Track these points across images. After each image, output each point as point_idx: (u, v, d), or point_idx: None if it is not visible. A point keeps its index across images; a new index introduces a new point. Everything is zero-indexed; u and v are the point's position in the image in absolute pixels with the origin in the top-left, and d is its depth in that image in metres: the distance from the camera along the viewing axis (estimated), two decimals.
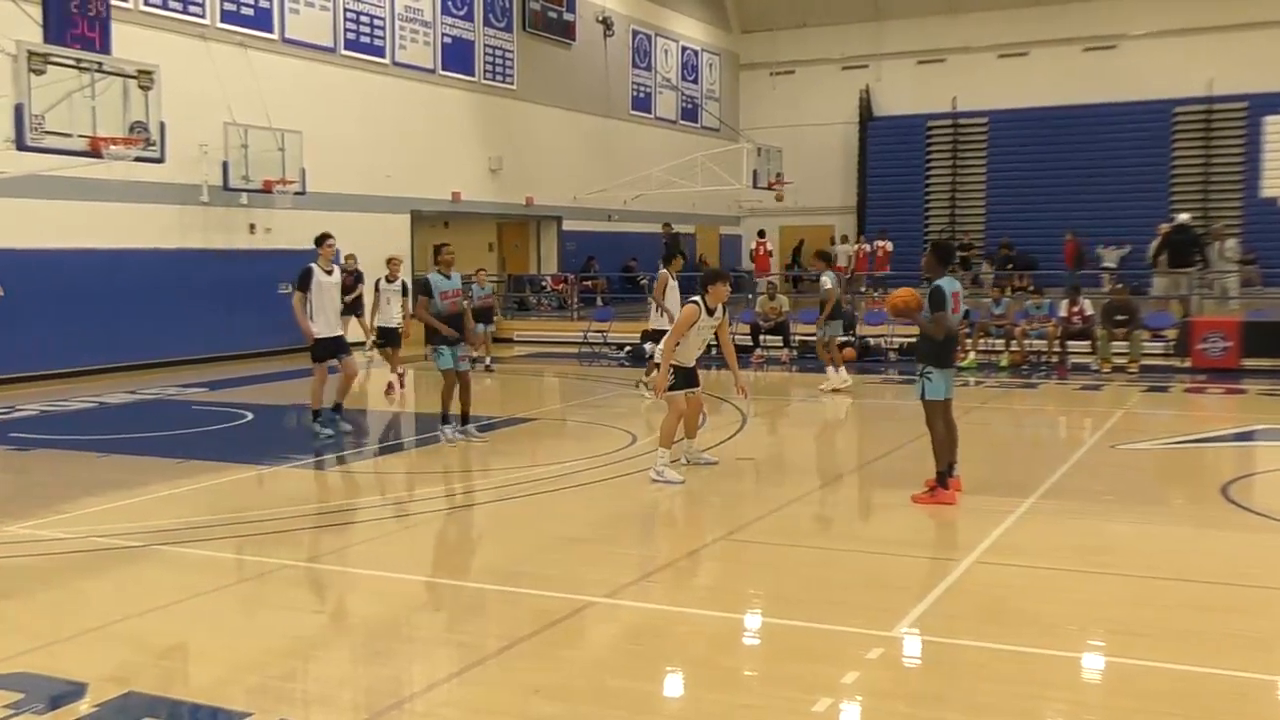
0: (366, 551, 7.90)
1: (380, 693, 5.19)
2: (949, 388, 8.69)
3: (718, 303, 9.61)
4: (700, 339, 9.69)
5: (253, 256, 20.61)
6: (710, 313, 9.57)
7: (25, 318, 16.86)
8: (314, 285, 11.79)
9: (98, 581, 7.09)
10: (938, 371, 8.59)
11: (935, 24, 35.57)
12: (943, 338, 8.54)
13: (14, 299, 16.75)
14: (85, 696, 5.03)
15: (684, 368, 9.60)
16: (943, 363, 8.63)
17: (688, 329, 9.49)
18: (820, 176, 35.72)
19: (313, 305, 11.80)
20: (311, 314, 11.81)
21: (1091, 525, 8.22)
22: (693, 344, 9.62)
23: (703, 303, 9.55)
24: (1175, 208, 29.12)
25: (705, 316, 9.53)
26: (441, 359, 11.43)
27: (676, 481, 9.32)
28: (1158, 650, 5.53)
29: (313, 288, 11.78)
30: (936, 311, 8.49)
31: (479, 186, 26.77)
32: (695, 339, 9.62)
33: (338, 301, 12.27)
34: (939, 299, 8.47)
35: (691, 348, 9.64)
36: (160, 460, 10.82)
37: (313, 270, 11.85)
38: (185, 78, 18.15)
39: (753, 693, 5.11)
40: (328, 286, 11.93)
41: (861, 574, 7.00)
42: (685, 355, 9.60)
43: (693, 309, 9.53)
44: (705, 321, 9.56)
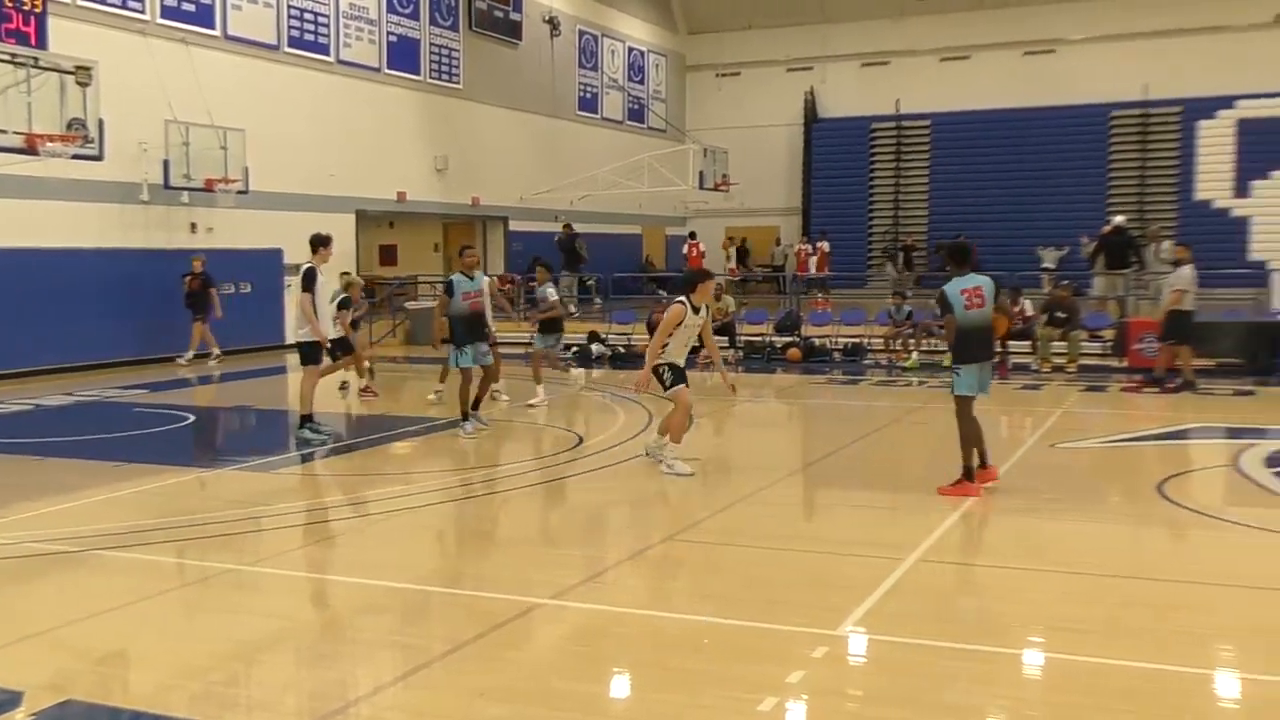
0: (310, 555, 7.84)
1: (325, 697, 5.15)
2: (979, 384, 8.86)
3: (703, 301, 9.84)
4: (686, 337, 9.87)
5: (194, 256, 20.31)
6: (695, 311, 9.78)
7: None
8: (318, 285, 11.57)
9: (35, 587, 6.96)
10: (965, 367, 8.80)
11: (879, 27, 35.92)
12: (955, 338, 8.78)
13: None
14: (21, 705, 4.94)
15: (676, 365, 9.85)
16: (967, 358, 8.80)
17: (674, 327, 9.67)
18: (765, 178, 35.96)
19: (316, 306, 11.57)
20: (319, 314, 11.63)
21: (1032, 523, 8.35)
22: (679, 342, 9.82)
23: (689, 302, 9.75)
24: (1112, 209, 29.63)
25: (691, 315, 9.73)
26: (462, 358, 11.74)
27: (686, 474, 9.55)
28: (1100, 647, 5.62)
29: (317, 289, 11.54)
30: (945, 315, 8.84)
31: (425, 186, 26.62)
32: (681, 337, 9.81)
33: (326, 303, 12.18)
34: (944, 303, 8.81)
35: (679, 346, 9.85)
36: (99, 463, 10.63)
37: (316, 271, 11.61)
38: (125, 74, 17.88)
39: (699, 692, 5.14)
40: (326, 289, 11.87)
41: (806, 573, 7.05)
42: (674, 353, 9.84)
43: (679, 309, 9.71)
44: (691, 320, 9.75)
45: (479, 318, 12.00)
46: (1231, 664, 5.57)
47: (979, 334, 8.87)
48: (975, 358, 8.86)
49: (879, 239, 35.84)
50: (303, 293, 11.53)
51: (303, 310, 11.56)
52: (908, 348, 19.21)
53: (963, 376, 8.81)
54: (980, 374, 8.87)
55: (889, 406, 15.02)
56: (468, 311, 11.86)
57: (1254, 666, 5.47)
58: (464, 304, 11.82)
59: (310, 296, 11.48)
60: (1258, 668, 5.44)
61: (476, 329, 11.92)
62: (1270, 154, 31.04)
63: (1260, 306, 20.48)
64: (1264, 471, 10.03)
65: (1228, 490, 9.86)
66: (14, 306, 17.29)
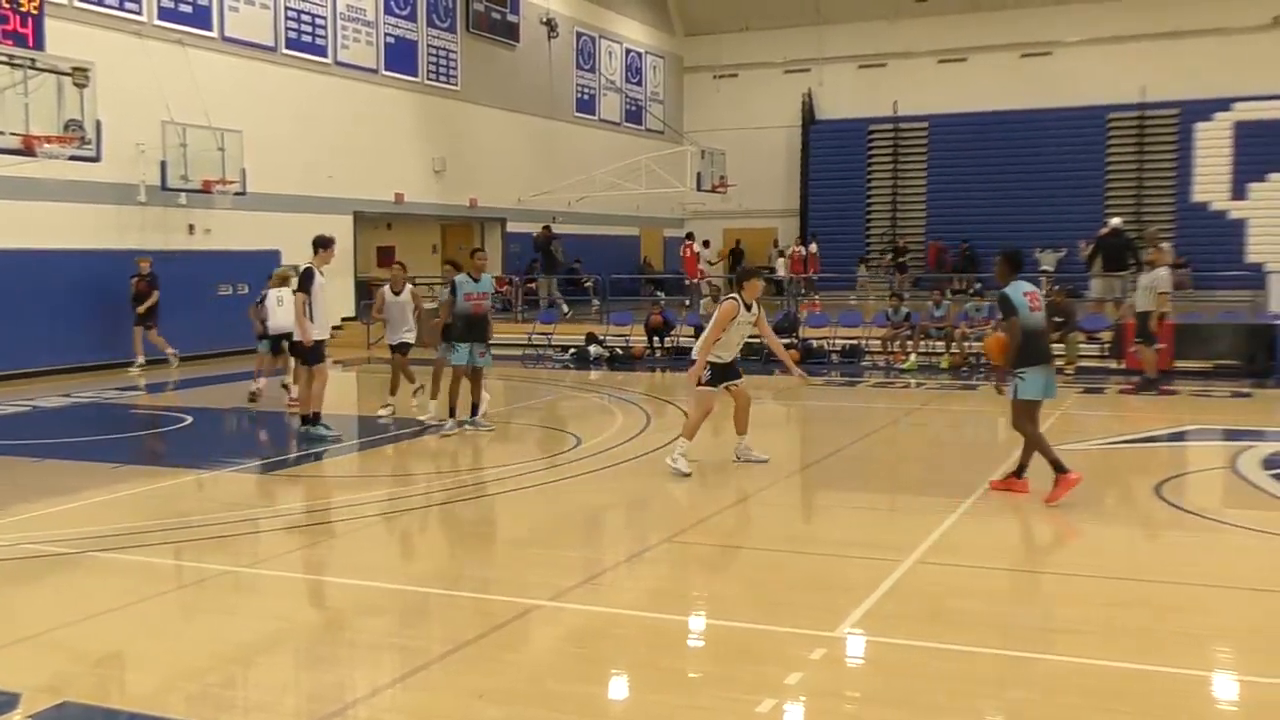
0: (307, 556, 7.83)
1: (323, 698, 5.14)
2: (1045, 387, 8.66)
3: (753, 298, 9.99)
4: (739, 334, 10.02)
5: (192, 257, 20.31)
6: (748, 308, 9.91)
7: None
8: (315, 288, 11.52)
9: (32, 589, 6.95)
10: (1030, 370, 8.60)
11: (876, 29, 35.95)
12: (1020, 341, 8.53)
13: None
14: (18, 707, 4.93)
15: (721, 364, 9.94)
16: (1033, 360, 8.60)
17: (728, 323, 9.80)
18: (763, 179, 35.97)
19: (313, 308, 11.53)
20: (312, 316, 11.54)
21: (1030, 525, 8.36)
22: (732, 339, 9.99)
23: (740, 299, 9.93)
24: (1110, 212, 29.67)
25: (744, 312, 9.88)
26: (456, 355, 11.95)
27: (683, 473, 9.59)
28: (1096, 648, 5.62)
29: (314, 290, 11.51)
30: (1009, 318, 8.59)
31: (422, 188, 26.61)
32: (735, 334, 9.96)
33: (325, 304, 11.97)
34: (1008, 306, 8.59)
35: (731, 343, 10.00)
36: (97, 465, 10.63)
37: (314, 272, 11.59)
38: (122, 75, 17.88)
39: (697, 694, 5.14)
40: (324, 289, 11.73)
41: (804, 575, 7.05)
42: (724, 350, 9.96)
43: (731, 304, 9.88)
44: (744, 316, 9.90)
45: (480, 319, 12.16)
46: (1229, 666, 5.57)
47: (1041, 336, 8.80)
48: (1040, 360, 8.70)
49: (876, 241, 35.86)
50: (297, 293, 11.55)
51: (296, 311, 11.56)
52: (906, 349, 19.22)
53: (1028, 380, 8.59)
54: (1046, 376, 8.68)
55: (887, 408, 15.03)
56: (469, 311, 12.04)
57: (1251, 668, 5.47)
58: (466, 304, 12.02)
59: (306, 297, 11.45)
60: (1255, 669, 5.44)
61: (476, 329, 12.08)
62: (1267, 156, 31.10)
63: (1257, 308, 20.51)
64: (1261, 473, 10.03)
65: (1225, 492, 9.86)
66: (11, 308, 17.27)
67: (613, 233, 33.26)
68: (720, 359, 9.97)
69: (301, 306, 11.51)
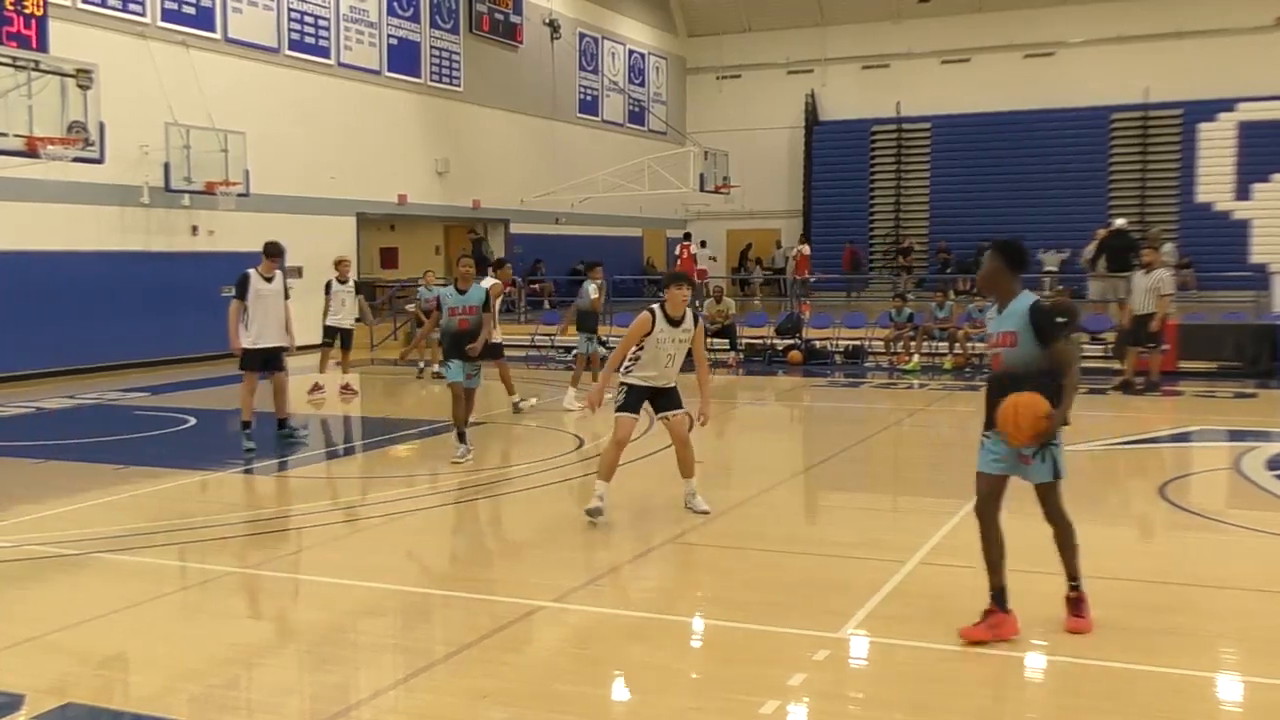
0: (312, 558, 7.83)
1: (326, 700, 5.14)
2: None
3: (678, 310, 8.20)
4: (663, 353, 8.22)
5: (195, 259, 20.33)
6: (674, 323, 8.19)
7: None
8: (251, 293, 11.22)
9: (34, 591, 6.96)
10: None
11: (879, 30, 35.94)
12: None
13: None
14: (22, 708, 4.93)
15: (645, 387, 8.30)
16: None
17: (639, 340, 8.19)
18: (766, 180, 35.98)
19: (249, 314, 11.23)
20: (247, 323, 11.23)
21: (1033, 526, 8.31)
22: (656, 359, 8.21)
23: (661, 310, 8.20)
24: (1114, 212, 29.64)
25: (666, 326, 8.17)
26: (450, 372, 10.81)
27: (596, 516, 8.16)
28: (1100, 649, 5.61)
29: (250, 295, 11.22)
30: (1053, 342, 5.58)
31: (425, 189, 26.62)
32: (655, 353, 8.18)
33: (280, 311, 11.49)
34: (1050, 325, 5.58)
35: (656, 363, 8.22)
36: (100, 466, 10.63)
37: (249, 276, 11.29)
38: (125, 77, 17.89)
39: (700, 695, 5.13)
40: (266, 295, 11.32)
41: (808, 576, 7.04)
42: (647, 370, 8.25)
43: (644, 318, 8.17)
44: (665, 333, 8.17)
45: (465, 335, 10.75)
46: (1233, 667, 5.56)
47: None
48: None
49: (880, 242, 35.85)
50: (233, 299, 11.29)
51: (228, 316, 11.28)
52: (909, 350, 19.21)
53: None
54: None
55: (890, 409, 15.02)
56: (455, 328, 10.79)
57: (1254, 669, 5.46)
58: (451, 320, 10.82)
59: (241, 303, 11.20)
60: (1258, 671, 5.43)
61: (460, 347, 10.73)
62: (1271, 157, 31.02)
63: (1261, 309, 20.47)
64: (1265, 474, 10.02)
65: (1229, 493, 9.85)
66: (15, 309, 17.29)
67: (615, 234, 33.26)
68: (646, 381, 8.27)
69: (234, 312, 11.19)
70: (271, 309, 11.37)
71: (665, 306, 8.23)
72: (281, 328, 11.50)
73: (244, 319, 11.25)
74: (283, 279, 11.65)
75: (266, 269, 11.41)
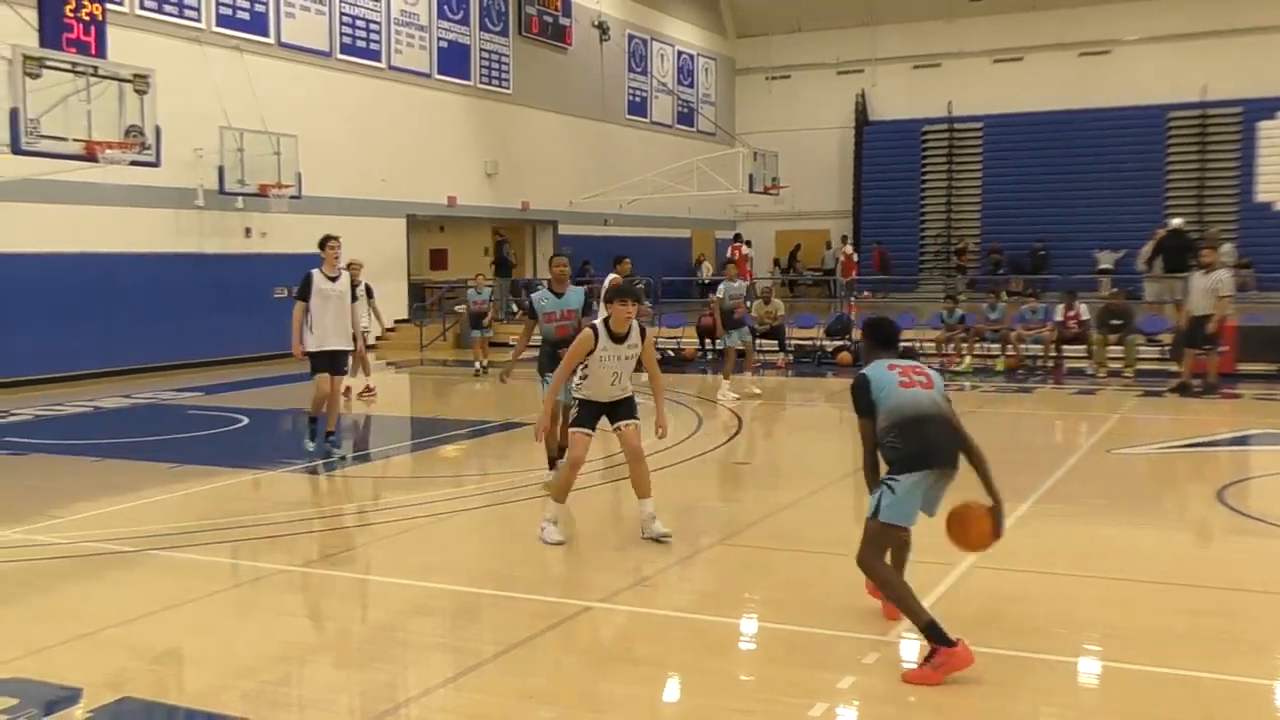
0: (361, 556, 7.89)
1: (375, 698, 5.17)
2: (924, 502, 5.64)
3: (622, 327, 7.66)
4: (607, 371, 7.73)
5: (248, 260, 20.60)
6: (618, 339, 7.66)
7: (21, 322, 16.83)
8: (314, 293, 10.78)
9: (92, 587, 7.06)
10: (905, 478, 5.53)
11: (930, 29, 35.64)
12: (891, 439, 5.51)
13: (8, 303, 16.73)
14: (80, 702, 5.01)
15: (595, 402, 7.86)
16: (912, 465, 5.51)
17: (582, 358, 7.68)
18: (816, 181, 35.79)
19: (312, 316, 10.78)
20: (311, 325, 10.79)
21: (1088, 530, 8.22)
22: (601, 378, 7.76)
23: (604, 327, 7.68)
24: (1170, 212, 29.17)
25: (607, 344, 7.61)
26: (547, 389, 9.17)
27: (555, 541, 7.69)
28: (1154, 655, 5.52)
29: (313, 296, 10.78)
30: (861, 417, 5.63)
31: (475, 191, 26.77)
32: (601, 371, 7.73)
33: (345, 312, 11.02)
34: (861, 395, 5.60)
35: (601, 382, 7.78)
36: (155, 465, 10.79)
37: (312, 277, 10.86)
38: (181, 82, 18.15)
39: (748, 697, 5.10)
40: (331, 295, 10.86)
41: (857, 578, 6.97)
42: (593, 389, 7.83)
43: (586, 336, 7.66)
44: (609, 350, 7.63)
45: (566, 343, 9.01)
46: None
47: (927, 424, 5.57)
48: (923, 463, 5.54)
49: (931, 242, 35.56)
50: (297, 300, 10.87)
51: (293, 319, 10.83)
52: (960, 352, 19.02)
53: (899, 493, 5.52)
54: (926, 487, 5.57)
55: None
56: (553, 336, 9.60)
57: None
58: (549, 326, 9.62)
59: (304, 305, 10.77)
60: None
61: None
62: None
63: None
64: None
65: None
66: (73, 310, 17.61)
67: (664, 235, 33.25)
68: (593, 399, 7.84)
69: (299, 315, 10.74)
70: (335, 310, 10.89)
71: (609, 323, 7.68)
72: (347, 330, 11.06)
73: (308, 321, 10.79)
74: (348, 279, 11.23)
75: (329, 267, 10.97)
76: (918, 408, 5.47)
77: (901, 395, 5.49)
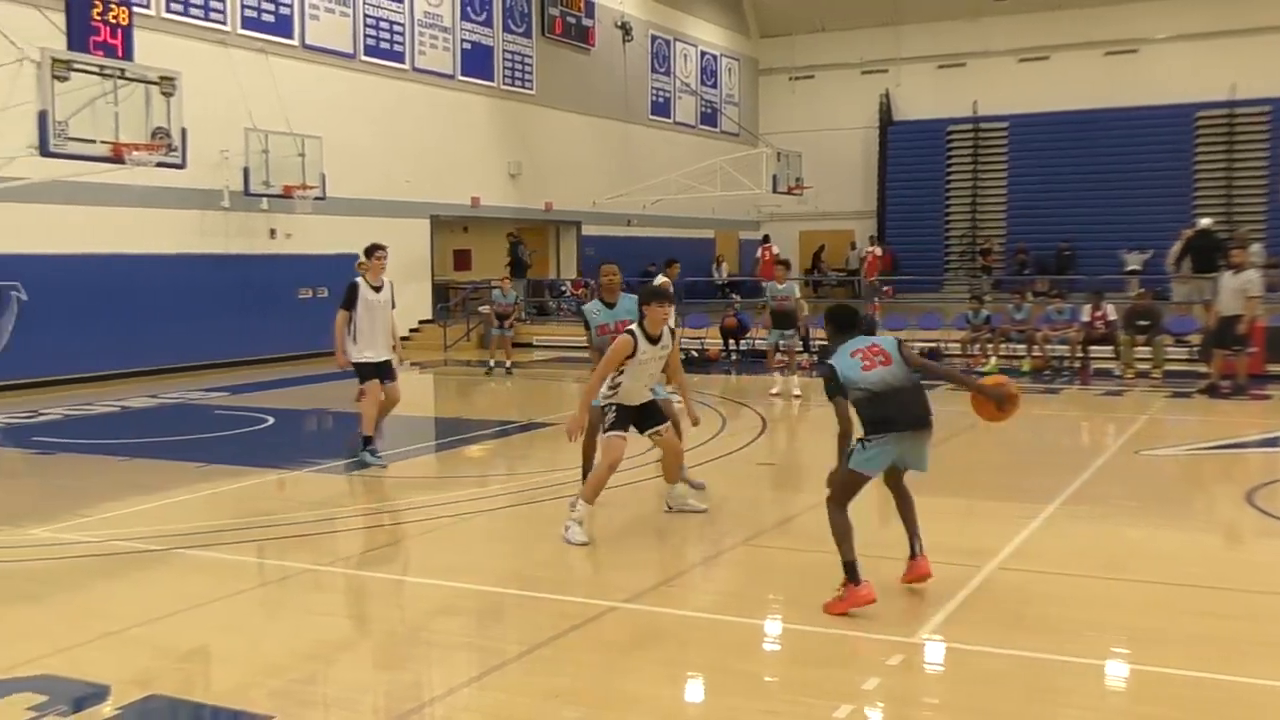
0: (386, 556, 7.91)
1: (400, 697, 5.18)
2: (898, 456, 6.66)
3: (658, 328, 7.81)
4: (645, 373, 7.88)
5: (273, 261, 20.71)
6: (653, 342, 7.79)
7: (48, 322, 16.98)
8: (360, 303, 10.59)
9: (119, 585, 7.11)
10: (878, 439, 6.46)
11: (955, 28, 35.46)
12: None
13: (37, 304, 16.88)
14: (108, 699, 5.04)
15: (629, 406, 7.97)
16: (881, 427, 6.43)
17: (620, 363, 7.75)
18: (840, 181, 35.65)
19: (355, 325, 10.63)
20: (355, 335, 10.64)
21: (1115, 532, 8.16)
22: (634, 378, 7.87)
23: (640, 330, 7.77)
24: (1198, 212, 28.93)
25: (646, 347, 7.75)
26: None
27: (580, 542, 7.66)
28: (1181, 658, 5.47)
29: (359, 306, 10.58)
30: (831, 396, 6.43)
31: (498, 191, 26.83)
32: (639, 372, 7.85)
33: (388, 321, 10.88)
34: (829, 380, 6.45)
35: (636, 388, 7.94)
36: (181, 464, 10.86)
37: (359, 286, 10.66)
38: (206, 84, 18.27)
39: (773, 698, 5.09)
40: (375, 305, 10.70)
41: (882, 579, 6.94)
42: (629, 394, 7.92)
43: (625, 341, 7.72)
44: (646, 353, 7.77)
45: None
46: None
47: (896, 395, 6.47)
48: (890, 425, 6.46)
49: (956, 243, 35.38)
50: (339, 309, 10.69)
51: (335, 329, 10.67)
52: (986, 353, 18.92)
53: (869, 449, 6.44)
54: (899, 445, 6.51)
55: (966, 412, 14.73)
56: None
57: None
58: (602, 339, 8.91)
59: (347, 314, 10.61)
60: None
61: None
62: None
63: None
64: None
65: None
66: (101, 311, 17.75)
67: (687, 235, 33.22)
68: (627, 403, 7.92)
69: (342, 324, 10.59)
70: (379, 320, 10.74)
71: (645, 325, 7.79)
72: (389, 339, 10.89)
73: (350, 330, 10.64)
74: (390, 288, 10.92)
75: (374, 276, 10.74)
76: (884, 383, 6.40)
77: (868, 377, 6.39)
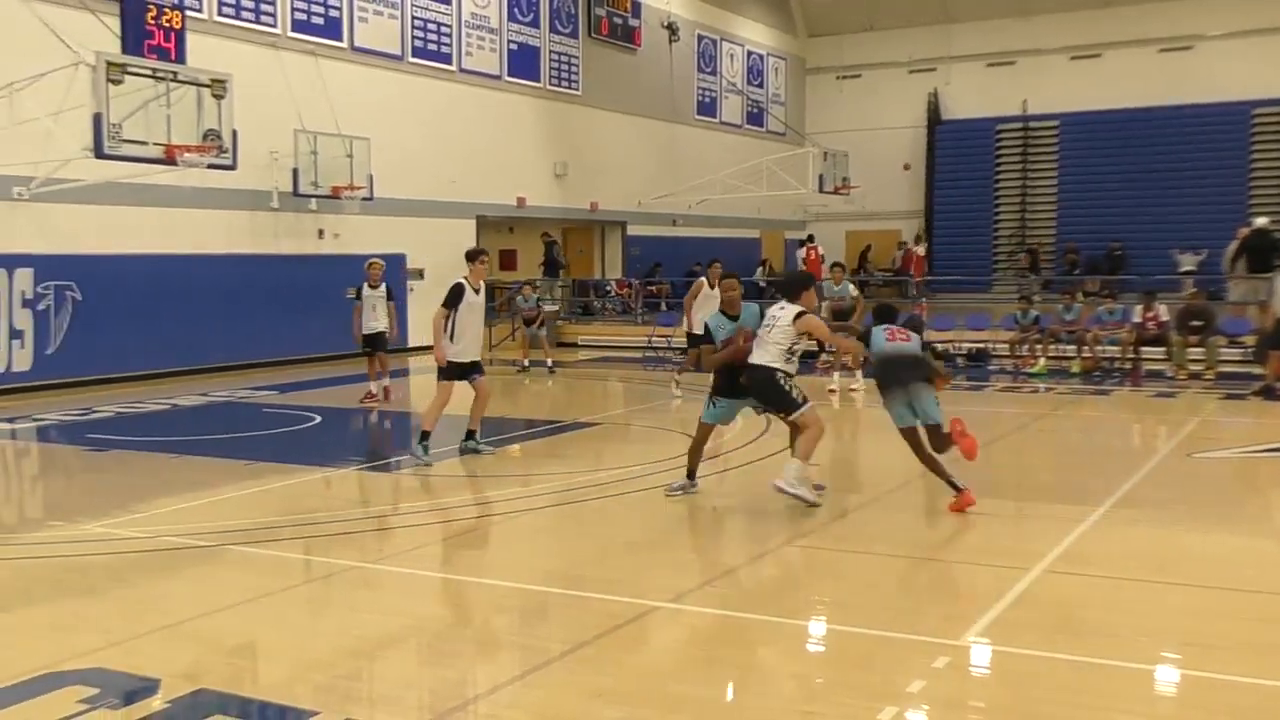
0: (431, 554, 7.96)
1: (444, 694, 5.22)
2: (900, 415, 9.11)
3: (735, 307, 9.13)
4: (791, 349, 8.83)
5: (321, 261, 20.89)
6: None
7: (101, 322, 17.24)
8: (462, 304, 10.84)
9: (170, 580, 7.21)
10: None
11: (1005, 26, 35.09)
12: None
13: (93, 303, 17.15)
14: (158, 693, 5.12)
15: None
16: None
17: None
18: (887, 181, 35.37)
19: (455, 325, 10.87)
20: (453, 334, 10.87)
21: (1165, 535, 8.04)
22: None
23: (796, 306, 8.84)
24: (1254, 211, 28.42)
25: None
26: (709, 412, 9.21)
27: (810, 501, 8.50)
28: (1229, 663, 5.38)
29: (461, 306, 10.83)
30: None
31: (544, 192, 26.91)
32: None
33: (481, 322, 11.26)
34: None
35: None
36: (230, 462, 10.99)
37: (464, 287, 10.85)
38: (257, 86, 18.47)
39: (817, 700, 5.07)
40: (476, 306, 10.99)
41: (929, 582, 6.90)
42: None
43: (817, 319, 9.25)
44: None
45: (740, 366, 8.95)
46: None
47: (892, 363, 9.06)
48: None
49: (1004, 243, 35.03)
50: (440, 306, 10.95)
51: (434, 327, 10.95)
52: (1035, 354, 18.72)
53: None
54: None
55: (1015, 413, 14.64)
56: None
57: None
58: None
59: (447, 312, 10.85)
60: None
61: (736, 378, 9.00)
62: None
63: None
64: None
65: None
66: (153, 310, 17.99)
67: (733, 235, 33.15)
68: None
69: (440, 322, 10.86)
70: (477, 321, 11.11)
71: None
72: (480, 339, 11.37)
73: (448, 329, 10.85)
74: (484, 290, 11.25)
75: (476, 279, 11.02)
76: (894, 351, 8.99)
77: (886, 346, 9.01)
